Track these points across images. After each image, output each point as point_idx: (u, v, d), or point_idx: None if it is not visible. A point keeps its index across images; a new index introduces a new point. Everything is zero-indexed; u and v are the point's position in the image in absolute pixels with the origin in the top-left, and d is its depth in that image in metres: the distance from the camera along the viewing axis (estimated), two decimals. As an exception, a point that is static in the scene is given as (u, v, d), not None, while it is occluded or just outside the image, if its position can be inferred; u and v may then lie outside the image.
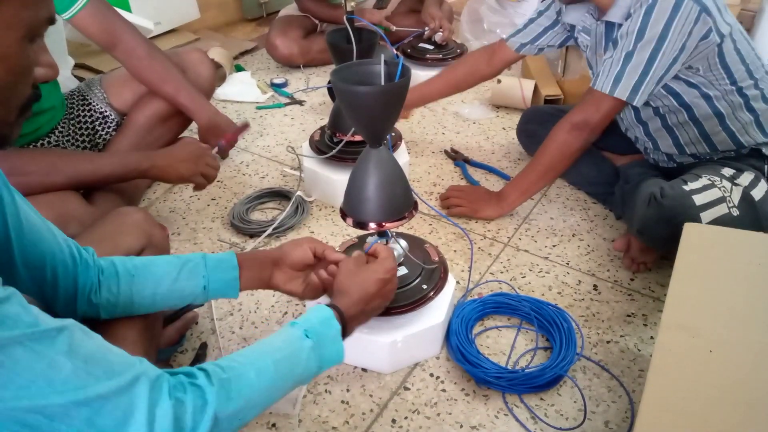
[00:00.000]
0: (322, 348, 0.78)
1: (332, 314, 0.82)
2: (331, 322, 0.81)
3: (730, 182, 1.20)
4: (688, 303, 0.85)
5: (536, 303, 1.19)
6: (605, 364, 1.11)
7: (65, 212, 1.19)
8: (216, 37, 2.59)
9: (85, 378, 0.55)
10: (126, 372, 0.58)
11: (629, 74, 1.20)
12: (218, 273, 0.92)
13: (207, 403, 0.62)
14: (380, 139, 0.98)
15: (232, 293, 0.95)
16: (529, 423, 1.01)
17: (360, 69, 0.95)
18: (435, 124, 1.95)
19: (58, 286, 0.80)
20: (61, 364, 0.53)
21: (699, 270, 0.92)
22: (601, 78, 1.24)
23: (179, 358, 1.13)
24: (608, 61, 1.24)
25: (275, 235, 1.43)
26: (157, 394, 0.59)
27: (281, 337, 0.76)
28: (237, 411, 0.65)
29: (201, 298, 0.94)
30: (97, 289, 0.84)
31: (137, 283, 0.87)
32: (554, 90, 1.93)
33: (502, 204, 1.46)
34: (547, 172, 1.38)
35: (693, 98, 1.24)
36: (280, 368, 0.72)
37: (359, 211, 1.01)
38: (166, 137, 1.57)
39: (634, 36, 1.18)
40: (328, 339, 0.79)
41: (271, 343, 0.74)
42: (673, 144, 1.34)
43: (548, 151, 1.36)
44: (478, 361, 1.07)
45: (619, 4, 1.24)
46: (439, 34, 2.10)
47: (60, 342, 0.54)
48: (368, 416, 1.03)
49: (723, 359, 0.76)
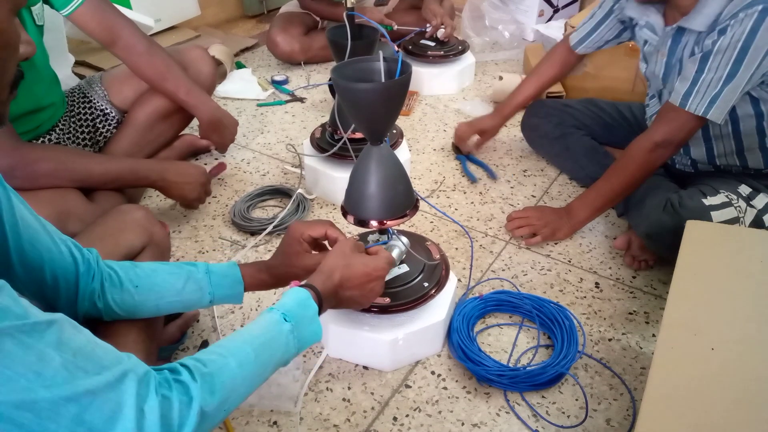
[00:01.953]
0: (301, 329, 0.79)
1: (309, 295, 0.82)
2: (308, 302, 0.81)
3: (746, 202, 1.21)
4: (690, 301, 0.85)
5: (538, 301, 1.19)
6: (607, 361, 1.11)
7: (65, 209, 1.19)
8: (217, 34, 2.59)
9: (74, 372, 0.54)
10: (114, 367, 0.57)
11: (726, 96, 1.12)
12: (223, 289, 0.94)
13: (192, 399, 0.62)
14: (381, 136, 0.97)
15: (236, 302, 0.98)
16: (530, 421, 1.01)
17: (361, 66, 0.95)
18: (436, 121, 1.94)
19: (59, 287, 0.80)
20: (50, 357, 0.53)
21: (701, 268, 0.91)
22: (695, 98, 1.15)
23: (180, 356, 1.13)
24: (701, 79, 1.14)
25: (276, 233, 1.43)
26: (145, 391, 0.58)
27: (260, 323, 0.76)
28: (221, 403, 0.65)
29: (204, 307, 0.97)
30: (100, 295, 0.84)
31: (140, 294, 0.87)
32: (556, 87, 1.92)
33: (573, 222, 1.39)
34: (625, 191, 1.30)
35: (745, 113, 1.21)
36: (261, 355, 0.73)
37: (360, 209, 1.01)
38: (167, 134, 1.57)
39: (735, 55, 1.09)
40: (306, 320, 0.80)
41: (250, 331, 0.74)
42: (706, 153, 1.31)
43: (628, 170, 1.27)
44: (480, 359, 1.07)
45: (702, 12, 1.14)
46: (441, 31, 2.09)
47: (49, 335, 0.54)
48: (369, 414, 1.02)
49: (725, 357, 0.76)
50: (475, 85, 2.18)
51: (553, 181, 1.64)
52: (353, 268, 0.89)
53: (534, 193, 1.59)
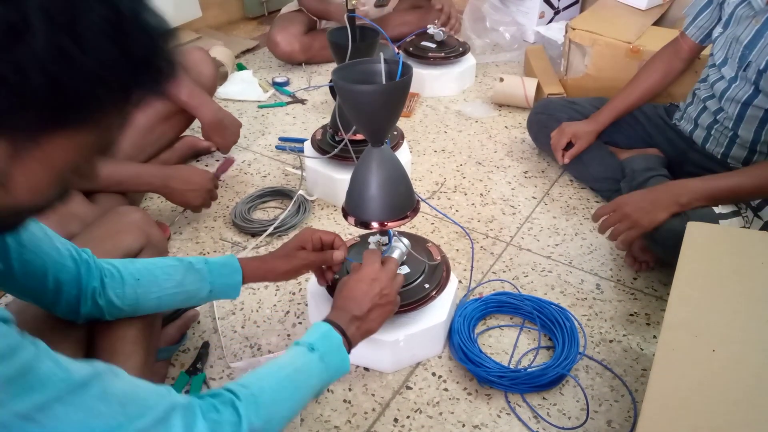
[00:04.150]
0: (329, 357, 0.80)
1: (330, 327, 0.84)
2: (330, 333, 0.83)
3: (754, 213, 1.20)
4: (691, 302, 0.85)
5: (539, 302, 1.19)
6: (608, 363, 1.11)
7: (67, 210, 1.19)
8: (217, 35, 2.59)
9: (123, 419, 0.55)
10: (159, 405, 0.59)
11: None
12: (223, 278, 0.95)
13: (241, 418, 0.64)
14: (382, 138, 0.97)
15: (233, 295, 0.98)
16: (531, 422, 1.00)
17: (361, 68, 0.95)
18: (437, 122, 1.94)
19: (62, 291, 0.81)
20: (99, 410, 0.54)
21: (702, 269, 0.91)
22: None
23: (181, 357, 1.13)
24: None
25: (277, 234, 1.43)
26: (192, 419, 0.60)
27: (288, 355, 0.78)
28: (266, 422, 0.67)
29: (204, 301, 0.97)
30: (101, 292, 0.84)
31: (142, 287, 0.88)
32: (557, 88, 1.93)
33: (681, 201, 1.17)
34: (755, 191, 1.17)
35: None
36: (296, 380, 0.75)
37: (361, 211, 1.01)
38: (168, 136, 1.57)
39: None
40: (333, 349, 0.82)
41: (279, 362, 0.76)
42: (752, 138, 1.27)
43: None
44: (481, 361, 1.07)
45: None
46: (438, 32, 2.08)
47: (94, 388, 0.54)
48: (370, 415, 1.02)
49: (726, 358, 0.76)
50: (476, 86, 2.18)
51: (554, 182, 1.64)
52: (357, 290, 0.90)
53: (535, 195, 1.59)
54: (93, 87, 0.45)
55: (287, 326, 1.19)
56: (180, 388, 1.06)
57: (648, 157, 1.46)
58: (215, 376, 1.09)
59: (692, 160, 1.41)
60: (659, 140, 1.50)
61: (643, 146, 1.51)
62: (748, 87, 1.25)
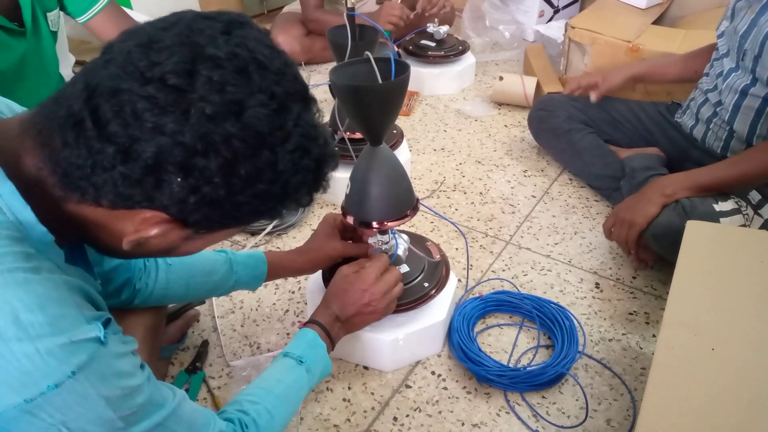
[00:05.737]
0: (315, 367, 0.87)
1: (316, 334, 0.89)
2: (316, 341, 0.89)
3: (754, 210, 1.20)
4: (691, 301, 0.85)
5: (538, 301, 1.19)
6: (607, 362, 1.11)
7: None
8: (217, 34, 2.58)
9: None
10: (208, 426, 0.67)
11: None
12: (248, 269, 1.01)
13: None
14: (380, 137, 0.97)
15: (257, 284, 1.04)
16: (530, 421, 1.01)
17: (359, 67, 0.95)
18: (436, 121, 1.94)
19: (117, 273, 0.85)
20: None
21: (701, 268, 0.91)
22: None
23: (180, 356, 1.13)
24: None
25: (276, 233, 1.43)
26: None
27: (279, 369, 0.84)
28: None
29: (227, 292, 1.03)
30: (141, 275, 0.88)
31: (173, 272, 0.92)
32: (556, 87, 1.93)
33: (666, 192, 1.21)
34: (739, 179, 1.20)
35: None
36: (288, 396, 0.82)
37: (360, 210, 1.00)
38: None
39: None
40: (319, 358, 0.88)
41: (270, 378, 0.82)
42: (748, 130, 1.27)
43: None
44: (480, 359, 1.07)
45: None
46: (441, 29, 2.08)
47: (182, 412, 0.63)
48: (370, 414, 1.02)
49: (725, 357, 0.76)
50: (476, 85, 2.18)
51: (553, 181, 1.64)
52: (347, 294, 0.94)
53: (534, 194, 1.59)
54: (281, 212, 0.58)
55: (286, 325, 1.19)
56: (179, 386, 1.06)
57: (648, 156, 1.46)
58: (214, 375, 1.09)
59: (693, 159, 1.41)
60: (660, 138, 1.50)
61: (644, 145, 1.51)
62: (747, 76, 1.25)
